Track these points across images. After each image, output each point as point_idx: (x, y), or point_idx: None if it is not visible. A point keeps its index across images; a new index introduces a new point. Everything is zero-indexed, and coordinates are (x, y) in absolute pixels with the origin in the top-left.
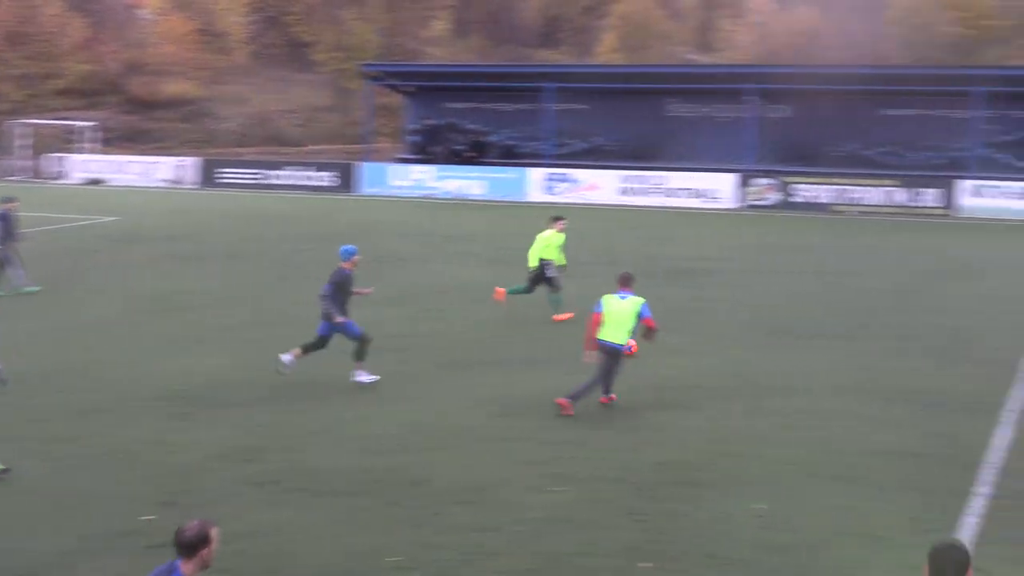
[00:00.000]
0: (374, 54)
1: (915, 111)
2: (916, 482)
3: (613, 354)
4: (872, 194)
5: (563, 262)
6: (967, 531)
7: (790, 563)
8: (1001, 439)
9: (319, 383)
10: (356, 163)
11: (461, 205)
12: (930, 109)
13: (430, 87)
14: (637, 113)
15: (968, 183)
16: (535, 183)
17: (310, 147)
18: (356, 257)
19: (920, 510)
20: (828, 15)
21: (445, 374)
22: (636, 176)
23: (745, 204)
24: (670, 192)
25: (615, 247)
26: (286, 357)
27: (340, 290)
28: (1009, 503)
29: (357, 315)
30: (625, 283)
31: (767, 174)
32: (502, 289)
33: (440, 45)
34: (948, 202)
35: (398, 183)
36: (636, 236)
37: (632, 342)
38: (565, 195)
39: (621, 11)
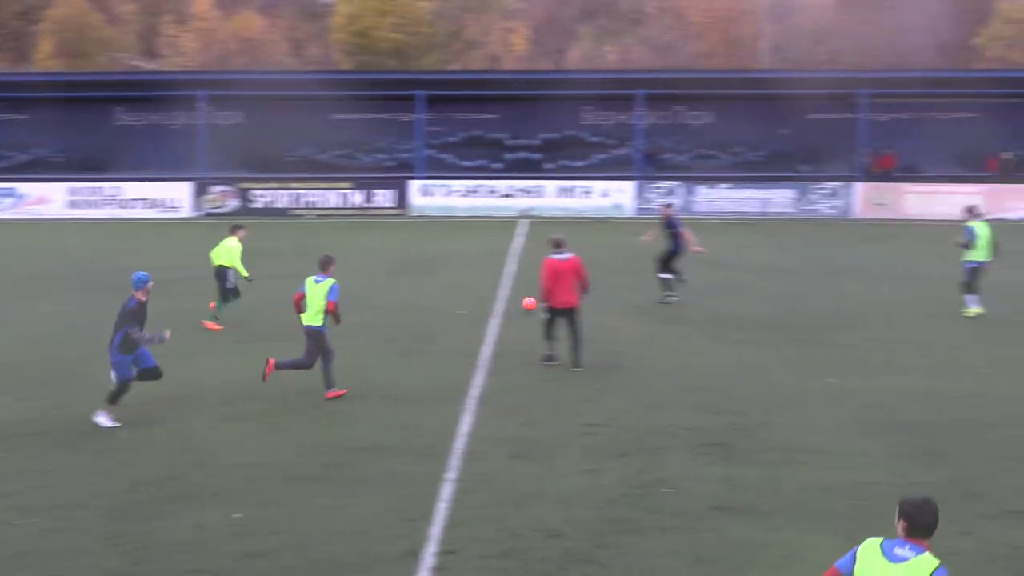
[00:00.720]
0: None
1: (365, 115)
2: (391, 474)
3: (311, 335)
4: (329, 197)
5: (245, 273)
6: (439, 517)
7: (273, 567)
8: (465, 425)
9: None
10: None
11: None
12: (379, 113)
13: None
14: (84, 122)
15: (417, 183)
16: None
17: None
18: (149, 285)
19: (396, 501)
20: (275, 21)
21: None
22: (88, 188)
23: (203, 212)
24: (125, 203)
25: (70, 261)
26: (102, 419)
27: (131, 320)
28: (474, 486)
29: None
30: (322, 266)
31: (223, 181)
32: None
33: None
34: (401, 202)
35: None
36: (92, 249)
37: (531, 300)
38: (11, 211)
39: (57, 16)
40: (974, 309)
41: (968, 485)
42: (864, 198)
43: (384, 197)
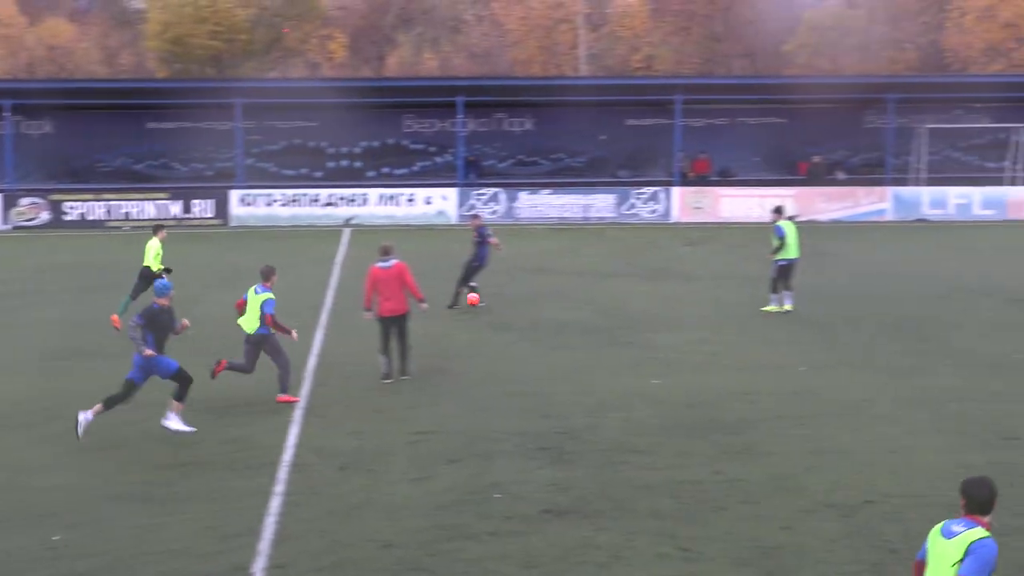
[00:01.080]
0: None
1: (182, 124)
2: (216, 490)
3: (249, 341)
4: (146, 208)
5: (157, 267)
6: (267, 532)
7: None
8: (292, 437)
9: None
10: None
11: None
12: (196, 121)
13: None
14: None
15: (237, 192)
16: None
17: None
18: (171, 293)
19: (220, 517)
20: (85, 28)
21: None
22: None
23: (12, 226)
24: None
25: None
26: (84, 416)
27: (152, 326)
28: (303, 499)
29: None
30: (264, 276)
31: (33, 192)
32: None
33: None
34: (221, 212)
35: None
36: None
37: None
38: None
39: None
40: (786, 306)
41: (786, 481)
42: (682, 202)
43: (203, 207)
